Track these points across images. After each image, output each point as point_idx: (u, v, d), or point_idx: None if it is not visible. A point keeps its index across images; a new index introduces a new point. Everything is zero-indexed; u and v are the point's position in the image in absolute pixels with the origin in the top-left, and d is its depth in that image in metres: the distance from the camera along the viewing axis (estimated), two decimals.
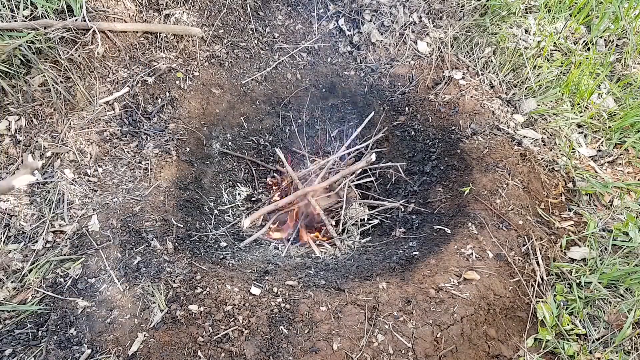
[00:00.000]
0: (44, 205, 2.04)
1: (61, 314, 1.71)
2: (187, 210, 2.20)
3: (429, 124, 2.49)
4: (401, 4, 2.82)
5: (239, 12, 2.76)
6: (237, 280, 1.78)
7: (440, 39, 2.70)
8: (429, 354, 1.57)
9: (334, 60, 2.80)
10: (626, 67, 2.77)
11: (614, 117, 2.52)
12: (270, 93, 2.77)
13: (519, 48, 2.63)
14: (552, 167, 2.28)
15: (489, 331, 1.68)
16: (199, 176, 2.42)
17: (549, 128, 2.43)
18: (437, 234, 2.02)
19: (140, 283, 1.74)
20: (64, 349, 1.62)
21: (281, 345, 1.56)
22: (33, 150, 2.16)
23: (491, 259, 1.83)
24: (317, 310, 1.64)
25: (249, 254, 2.15)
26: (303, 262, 2.11)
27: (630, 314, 1.76)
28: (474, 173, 2.15)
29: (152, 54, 2.53)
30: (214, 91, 2.62)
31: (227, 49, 2.71)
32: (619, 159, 2.40)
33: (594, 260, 1.97)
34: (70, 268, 1.84)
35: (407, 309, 1.65)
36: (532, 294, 1.83)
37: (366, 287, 1.74)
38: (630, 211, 2.15)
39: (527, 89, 2.56)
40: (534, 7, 2.92)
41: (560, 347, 1.72)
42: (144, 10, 2.57)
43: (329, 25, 2.85)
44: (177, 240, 1.98)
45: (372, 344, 1.57)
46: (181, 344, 1.58)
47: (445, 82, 2.55)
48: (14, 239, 1.96)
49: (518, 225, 1.95)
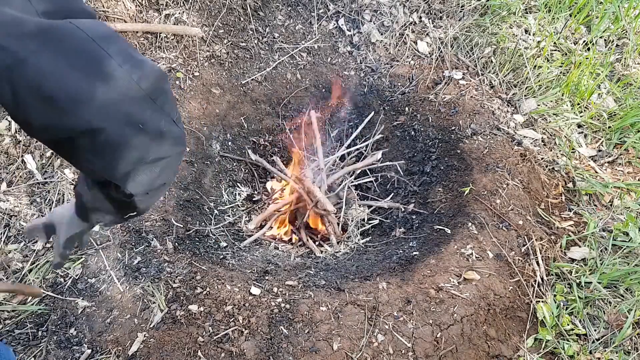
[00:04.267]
0: (44, 205, 2.04)
1: (61, 314, 1.71)
2: (187, 210, 2.20)
3: (429, 124, 2.49)
4: (401, 4, 2.82)
5: (239, 12, 2.76)
6: (237, 280, 1.78)
7: (440, 39, 2.70)
8: (429, 354, 1.57)
9: (334, 60, 2.80)
10: (626, 67, 2.78)
11: (614, 117, 2.52)
12: (270, 93, 2.77)
13: (519, 48, 2.63)
14: (552, 167, 2.28)
15: (489, 331, 1.68)
16: (199, 176, 2.42)
17: (549, 128, 2.43)
18: (437, 234, 2.02)
19: (140, 283, 1.74)
20: (64, 349, 1.62)
21: (281, 345, 1.56)
22: (33, 151, 2.16)
23: (491, 259, 1.83)
24: (317, 310, 1.64)
25: (249, 254, 2.15)
26: (303, 262, 2.11)
27: (630, 314, 1.76)
28: (474, 173, 2.15)
29: (152, 54, 2.53)
30: (214, 91, 2.63)
31: (227, 49, 2.71)
32: (619, 159, 2.40)
33: (594, 260, 1.97)
34: (70, 268, 1.84)
35: (407, 309, 1.65)
36: (532, 294, 1.83)
37: (366, 287, 1.74)
38: (630, 211, 2.15)
39: (527, 89, 2.56)
40: (534, 7, 2.92)
41: (560, 347, 1.72)
42: (144, 10, 2.57)
43: (329, 25, 2.85)
44: (177, 240, 1.98)
45: (372, 344, 1.57)
46: (181, 344, 1.58)
47: (445, 82, 2.55)
48: (14, 239, 1.96)
49: (518, 225, 1.95)
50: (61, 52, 0.64)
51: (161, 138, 0.73)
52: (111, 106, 0.66)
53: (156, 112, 0.71)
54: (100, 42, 0.67)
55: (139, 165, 0.73)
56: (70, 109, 0.65)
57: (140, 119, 0.69)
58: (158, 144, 0.73)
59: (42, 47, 0.63)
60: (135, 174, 0.74)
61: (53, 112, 0.65)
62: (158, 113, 0.71)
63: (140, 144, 0.71)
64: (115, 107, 0.67)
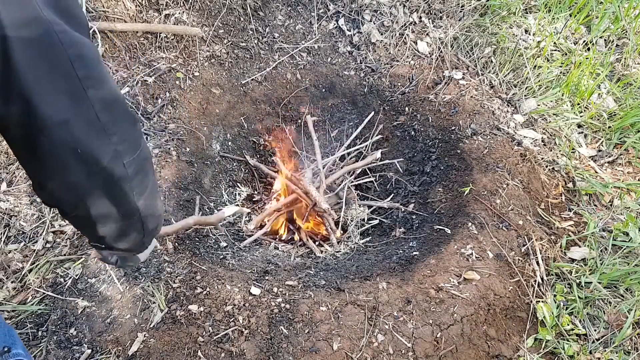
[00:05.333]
0: (44, 205, 2.04)
1: (61, 314, 1.71)
2: (187, 210, 2.20)
3: (429, 124, 2.49)
4: (401, 4, 2.82)
5: (239, 12, 2.76)
6: (237, 280, 1.78)
7: (440, 39, 2.70)
8: (429, 354, 1.57)
9: (334, 60, 2.80)
10: (626, 67, 2.78)
11: (614, 117, 2.52)
12: (270, 93, 2.77)
13: (519, 48, 2.63)
14: (552, 167, 2.28)
15: (489, 331, 1.68)
16: (199, 176, 2.42)
17: (549, 128, 2.43)
18: (437, 234, 2.02)
19: (140, 283, 1.74)
20: (64, 349, 1.62)
21: (281, 345, 1.56)
22: None
23: (491, 259, 1.83)
24: (317, 310, 1.64)
25: (249, 254, 2.15)
26: (303, 262, 2.11)
27: (630, 314, 1.76)
28: (474, 173, 2.15)
29: (152, 54, 2.53)
30: (214, 91, 2.63)
31: (227, 49, 2.71)
32: (619, 159, 2.40)
33: (594, 261, 1.97)
34: (70, 268, 1.84)
35: (407, 309, 1.65)
36: (532, 294, 1.83)
37: (366, 287, 1.74)
38: (630, 211, 2.15)
39: (527, 89, 2.56)
40: (534, 7, 2.92)
41: (560, 347, 1.72)
42: (144, 10, 2.57)
43: (329, 25, 2.85)
44: (177, 240, 1.98)
45: (372, 344, 1.57)
46: (181, 344, 1.58)
47: (445, 82, 2.55)
48: (14, 239, 1.96)
49: (518, 225, 1.95)
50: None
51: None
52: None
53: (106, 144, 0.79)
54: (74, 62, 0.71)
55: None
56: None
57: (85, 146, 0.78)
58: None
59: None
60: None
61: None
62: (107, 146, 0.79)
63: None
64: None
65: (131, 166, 0.83)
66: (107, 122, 0.76)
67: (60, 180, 0.79)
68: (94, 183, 0.81)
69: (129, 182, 0.84)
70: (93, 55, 0.75)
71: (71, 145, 0.74)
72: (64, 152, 0.74)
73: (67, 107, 0.72)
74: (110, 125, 0.77)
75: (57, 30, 0.68)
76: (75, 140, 0.74)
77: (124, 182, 0.84)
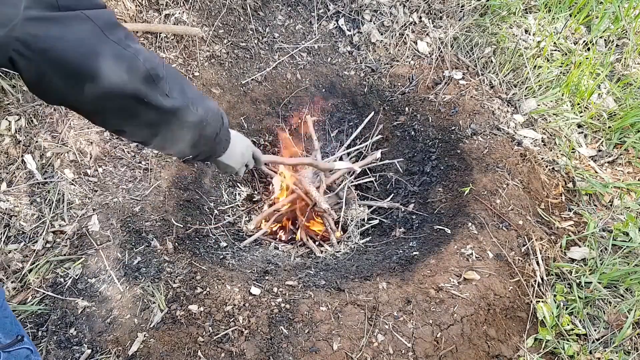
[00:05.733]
0: (44, 205, 2.04)
1: (61, 314, 1.72)
2: (187, 210, 2.20)
3: (429, 124, 2.49)
4: (401, 4, 2.82)
5: (239, 12, 2.76)
6: (237, 281, 1.78)
7: (440, 39, 2.70)
8: (429, 354, 1.57)
9: (334, 60, 2.80)
10: (626, 67, 2.78)
11: (614, 117, 2.52)
12: (270, 93, 2.77)
13: (519, 48, 2.63)
14: (552, 167, 2.28)
15: (489, 331, 1.68)
16: (199, 176, 2.42)
17: (549, 128, 2.43)
18: (437, 234, 2.02)
19: (140, 283, 1.74)
20: (64, 349, 1.62)
21: (281, 345, 1.56)
22: (33, 151, 2.16)
23: (491, 259, 1.83)
24: (317, 310, 1.65)
25: (249, 254, 2.15)
26: (303, 262, 2.11)
27: (630, 314, 1.76)
28: (474, 173, 2.15)
29: None
30: (214, 91, 2.63)
31: (227, 49, 2.71)
32: (619, 159, 2.40)
33: (594, 261, 1.97)
34: (70, 268, 1.84)
35: (407, 309, 1.65)
36: (532, 294, 1.83)
37: (366, 287, 1.74)
38: (630, 211, 2.16)
39: (527, 89, 2.56)
40: (534, 7, 2.92)
41: (560, 347, 1.72)
42: (144, 10, 2.57)
43: (329, 25, 2.85)
44: (177, 240, 1.98)
45: (372, 344, 1.57)
46: (181, 344, 1.58)
47: (445, 82, 2.55)
48: (14, 239, 1.96)
49: (518, 225, 1.95)
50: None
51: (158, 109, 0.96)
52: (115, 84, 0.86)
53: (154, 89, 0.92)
54: (105, 30, 0.84)
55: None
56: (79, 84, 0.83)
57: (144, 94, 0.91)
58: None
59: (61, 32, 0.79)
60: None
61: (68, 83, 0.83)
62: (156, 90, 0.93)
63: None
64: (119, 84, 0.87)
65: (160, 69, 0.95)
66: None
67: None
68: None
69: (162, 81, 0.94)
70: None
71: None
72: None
73: None
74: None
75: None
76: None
77: (159, 81, 0.93)
